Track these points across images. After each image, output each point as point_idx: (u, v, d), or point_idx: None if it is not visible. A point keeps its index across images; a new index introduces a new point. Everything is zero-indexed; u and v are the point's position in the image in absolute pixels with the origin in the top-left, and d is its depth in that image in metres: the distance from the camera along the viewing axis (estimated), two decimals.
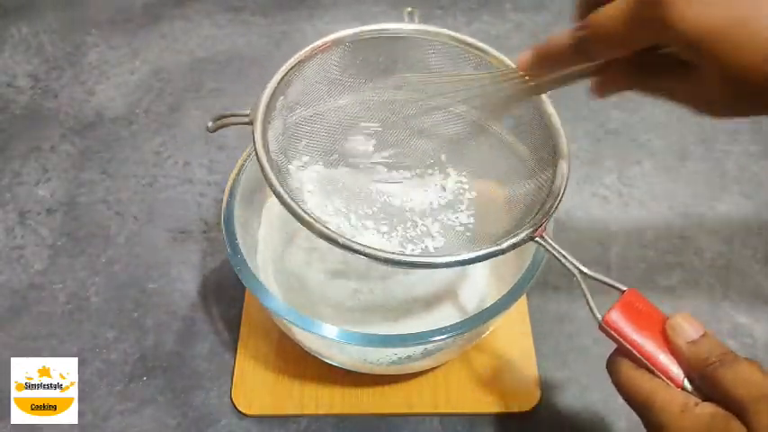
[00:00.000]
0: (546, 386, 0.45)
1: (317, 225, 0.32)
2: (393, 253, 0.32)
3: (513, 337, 0.47)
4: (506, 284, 0.38)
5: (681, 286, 0.51)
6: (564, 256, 0.32)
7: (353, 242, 0.31)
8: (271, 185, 0.33)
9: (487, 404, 0.44)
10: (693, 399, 0.27)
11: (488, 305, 0.36)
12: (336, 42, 0.38)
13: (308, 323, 0.36)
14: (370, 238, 0.41)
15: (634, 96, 0.67)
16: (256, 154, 0.34)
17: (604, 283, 0.31)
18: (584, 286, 0.31)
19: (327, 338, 0.35)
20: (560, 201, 0.34)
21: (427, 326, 0.36)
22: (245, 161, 0.42)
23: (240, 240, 0.38)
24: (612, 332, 0.29)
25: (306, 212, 0.32)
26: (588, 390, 0.45)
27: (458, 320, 0.36)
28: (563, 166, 0.35)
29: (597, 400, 0.45)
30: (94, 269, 0.51)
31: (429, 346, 0.37)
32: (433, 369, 0.45)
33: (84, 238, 0.53)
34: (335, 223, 0.41)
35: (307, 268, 0.44)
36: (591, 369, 0.46)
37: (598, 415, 0.44)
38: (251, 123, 0.35)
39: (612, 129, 0.62)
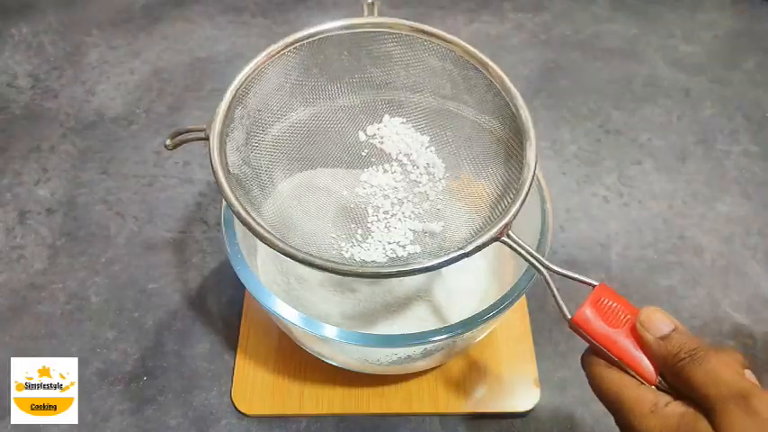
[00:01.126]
0: (546, 386, 0.45)
1: (276, 241, 0.31)
2: (355, 265, 0.31)
3: (513, 337, 0.47)
4: (506, 285, 0.38)
5: (681, 286, 0.51)
6: (530, 254, 0.31)
7: (314, 257, 0.31)
8: (228, 202, 0.32)
9: (488, 404, 0.44)
10: (664, 398, 0.26)
11: (488, 305, 0.36)
12: (292, 44, 0.37)
13: (308, 323, 0.36)
14: (347, 246, 0.41)
15: (634, 96, 0.67)
16: (212, 169, 0.33)
17: (573, 278, 0.30)
18: (551, 284, 0.30)
19: (327, 338, 0.35)
20: (524, 199, 0.32)
21: (427, 326, 0.36)
22: None
23: (240, 240, 0.38)
24: (582, 331, 0.28)
25: (266, 229, 0.31)
26: (588, 390, 0.45)
27: (457, 321, 0.36)
28: (529, 162, 0.34)
29: (597, 399, 0.45)
30: (94, 269, 0.51)
31: (429, 346, 0.37)
32: (432, 369, 0.45)
33: (84, 238, 0.53)
34: (310, 231, 0.40)
35: (306, 268, 0.44)
36: None
37: (598, 415, 0.44)
38: (207, 138, 0.34)
39: (612, 129, 0.62)
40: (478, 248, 0.31)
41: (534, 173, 0.33)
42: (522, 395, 0.45)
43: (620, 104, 0.64)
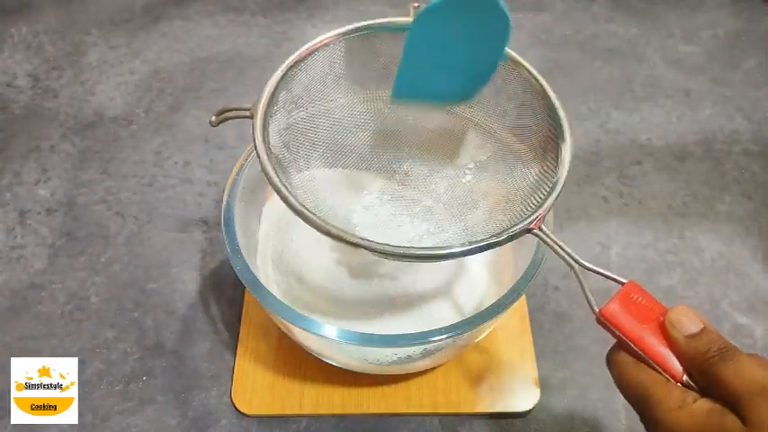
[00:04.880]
0: (546, 386, 0.45)
1: (313, 217, 0.31)
2: (387, 245, 0.31)
3: (513, 337, 0.47)
4: (506, 284, 0.38)
5: (681, 286, 0.51)
6: (562, 248, 0.31)
7: (346, 233, 0.31)
8: (269, 178, 0.32)
9: (487, 404, 0.44)
10: (692, 395, 0.27)
11: (488, 305, 0.36)
12: (341, 36, 0.38)
13: (308, 323, 0.36)
14: (375, 235, 0.41)
15: (634, 96, 0.67)
16: (255, 147, 0.33)
17: (603, 275, 0.30)
18: (581, 279, 0.30)
19: (327, 338, 0.35)
20: (559, 194, 0.33)
21: (427, 326, 0.36)
22: (244, 161, 0.42)
23: (240, 240, 0.38)
24: (610, 325, 0.29)
25: (302, 205, 0.32)
26: (588, 390, 0.46)
27: (457, 320, 0.36)
28: (564, 160, 0.35)
29: (597, 399, 0.45)
30: (94, 269, 0.51)
31: (429, 346, 0.37)
32: (433, 369, 0.45)
33: (84, 238, 0.53)
34: (343, 216, 0.41)
35: (306, 268, 0.44)
36: (591, 369, 0.46)
37: (598, 415, 0.44)
38: (251, 117, 0.34)
39: (612, 129, 0.62)
40: (511, 238, 0.32)
41: (568, 170, 0.34)
42: (522, 395, 0.45)
43: (620, 104, 0.64)
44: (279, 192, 0.32)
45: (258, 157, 0.33)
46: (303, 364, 0.45)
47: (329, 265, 0.44)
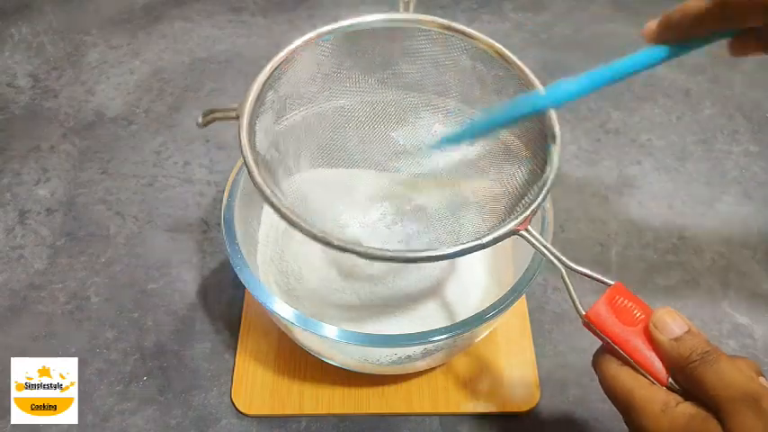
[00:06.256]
0: (546, 386, 0.45)
1: (298, 220, 0.31)
2: (373, 248, 0.30)
3: (513, 337, 0.47)
4: (506, 285, 0.38)
5: (681, 286, 0.51)
6: (548, 250, 0.31)
7: (331, 237, 0.30)
8: (254, 180, 0.32)
9: (487, 404, 0.44)
10: (675, 398, 0.27)
11: (488, 305, 0.36)
12: (328, 34, 0.38)
13: (308, 323, 0.36)
14: (365, 235, 0.41)
15: (634, 96, 0.67)
16: (240, 148, 0.33)
17: (590, 277, 0.30)
18: (567, 281, 0.30)
19: (327, 338, 0.35)
20: (547, 195, 0.33)
21: (426, 326, 0.36)
22: None
23: (240, 240, 0.38)
24: (596, 327, 0.29)
25: (287, 207, 0.31)
26: (588, 390, 0.45)
27: (458, 320, 0.36)
28: (553, 159, 0.34)
29: (597, 400, 0.45)
30: (94, 269, 0.51)
31: (429, 346, 0.37)
32: (433, 369, 0.45)
33: (84, 238, 0.53)
34: (331, 218, 0.41)
35: (306, 268, 0.44)
36: (591, 369, 0.46)
37: (598, 415, 0.44)
38: (237, 118, 0.34)
39: (612, 129, 0.62)
40: (496, 240, 0.31)
41: (557, 170, 0.34)
42: (522, 395, 0.45)
43: (620, 104, 0.64)
44: (263, 193, 0.32)
45: (243, 158, 0.32)
46: (303, 364, 0.45)
47: (330, 264, 0.44)
